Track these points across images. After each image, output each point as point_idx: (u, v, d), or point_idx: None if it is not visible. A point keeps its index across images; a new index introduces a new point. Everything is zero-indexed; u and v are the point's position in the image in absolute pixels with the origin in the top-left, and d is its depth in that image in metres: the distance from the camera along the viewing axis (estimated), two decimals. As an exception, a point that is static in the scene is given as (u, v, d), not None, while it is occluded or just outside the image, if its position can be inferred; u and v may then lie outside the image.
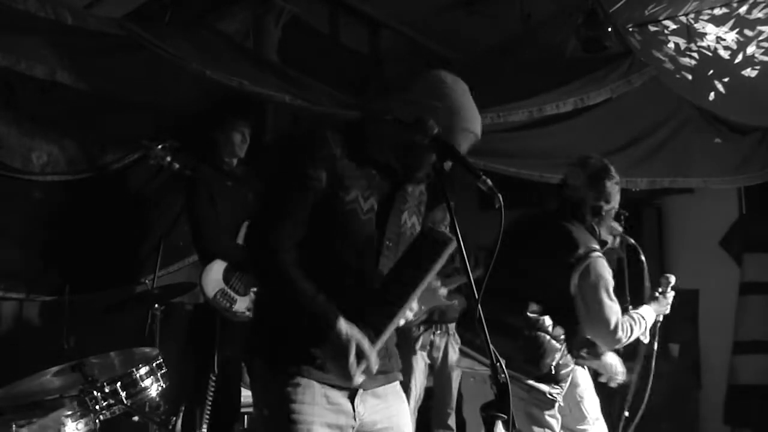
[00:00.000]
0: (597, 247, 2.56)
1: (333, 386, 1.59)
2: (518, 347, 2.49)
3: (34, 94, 3.11)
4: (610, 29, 3.79)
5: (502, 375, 1.39)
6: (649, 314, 2.78)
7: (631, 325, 2.61)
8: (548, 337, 2.49)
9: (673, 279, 3.00)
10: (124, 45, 2.83)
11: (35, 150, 3.28)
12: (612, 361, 2.83)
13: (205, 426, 3.12)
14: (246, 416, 3.49)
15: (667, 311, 2.98)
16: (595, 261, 2.50)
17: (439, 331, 3.94)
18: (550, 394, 2.50)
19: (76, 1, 3.12)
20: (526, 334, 2.49)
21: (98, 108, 3.28)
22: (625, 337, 2.58)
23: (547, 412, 2.51)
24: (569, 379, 2.59)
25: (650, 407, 3.48)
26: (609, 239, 2.72)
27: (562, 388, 2.55)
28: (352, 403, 1.62)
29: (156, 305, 3.16)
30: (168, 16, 3.58)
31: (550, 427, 2.51)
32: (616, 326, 2.53)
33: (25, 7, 2.50)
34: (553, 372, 2.49)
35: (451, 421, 3.93)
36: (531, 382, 2.49)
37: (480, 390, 2.53)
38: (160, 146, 3.23)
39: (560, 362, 2.51)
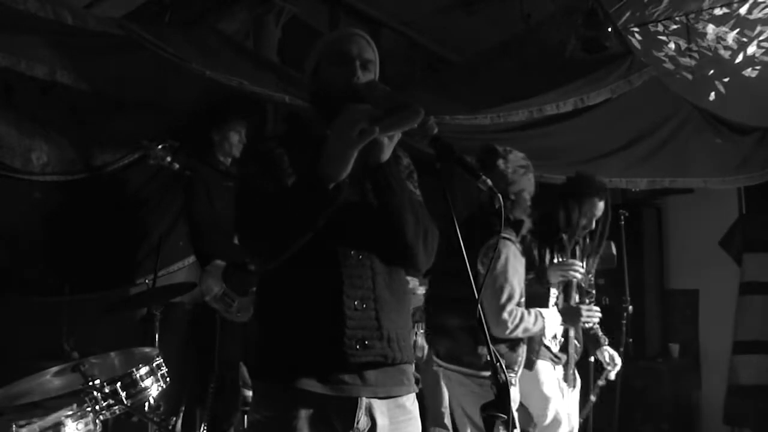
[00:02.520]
0: (508, 233, 2.64)
1: (327, 396, 1.55)
2: (461, 344, 2.56)
3: (34, 94, 3.11)
4: (610, 29, 3.79)
5: (502, 375, 1.39)
6: (551, 316, 2.76)
7: (522, 315, 2.60)
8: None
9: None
10: (124, 45, 2.82)
11: (35, 150, 3.28)
12: None
13: (204, 426, 3.12)
14: (246, 416, 3.49)
15: (585, 325, 2.98)
16: (501, 242, 2.58)
17: (420, 331, 3.93)
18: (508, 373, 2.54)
19: (76, 1, 3.12)
20: (465, 328, 2.55)
21: (98, 108, 3.28)
22: (510, 323, 2.56)
23: None
24: (521, 362, 2.65)
25: (651, 407, 3.50)
26: (525, 218, 2.75)
27: (515, 372, 2.61)
28: (354, 412, 1.57)
29: (156, 305, 3.16)
30: (168, 16, 3.58)
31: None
32: (504, 307, 2.54)
33: (25, 7, 2.50)
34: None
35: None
36: (482, 372, 2.53)
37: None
38: (160, 146, 3.23)
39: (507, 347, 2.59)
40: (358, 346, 1.55)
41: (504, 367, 1.40)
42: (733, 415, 4.99)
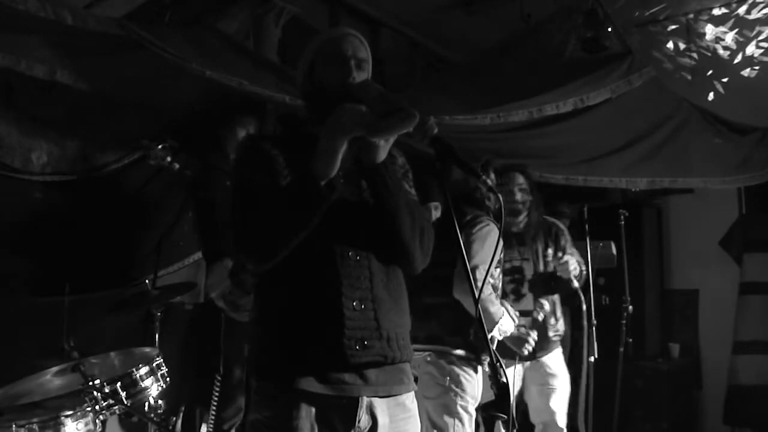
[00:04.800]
0: (484, 214, 2.67)
1: (327, 395, 1.55)
2: (441, 323, 2.54)
3: (34, 94, 3.11)
4: (610, 29, 3.79)
5: (503, 375, 1.39)
6: (507, 322, 2.65)
7: (492, 300, 2.56)
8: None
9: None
10: (124, 45, 2.82)
11: (35, 150, 3.28)
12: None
13: (208, 426, 3.11)
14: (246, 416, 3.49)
15: (523, 351, 2.85)
16: (483, 221, 2.60)
17: None
18: (484, 357, 2.53)
19: (76, 1, 3.12)
20: (446, 305, 2.53)
21: (98, 108, 3.28)
22: (485, 300, 2.50)
23: (460, 402, 2.51)
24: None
25: (651, 407, 3.48)
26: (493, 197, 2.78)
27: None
28: (355, 412, 1.57)
29: (156, 305, 3.16)
30: (168, 16, 3.58)
31: (460, 419, 2.49)
32: (473, 270, 2.49)
33: (25, 7, 2.50)
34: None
35: None
36: (460, 351, 2.52)
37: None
38: (160, 146, 3.23)
39: None
40: (357, 347, 1.55)
41: (503, 366, 1.40)
42: (733, 415, 4.99)
